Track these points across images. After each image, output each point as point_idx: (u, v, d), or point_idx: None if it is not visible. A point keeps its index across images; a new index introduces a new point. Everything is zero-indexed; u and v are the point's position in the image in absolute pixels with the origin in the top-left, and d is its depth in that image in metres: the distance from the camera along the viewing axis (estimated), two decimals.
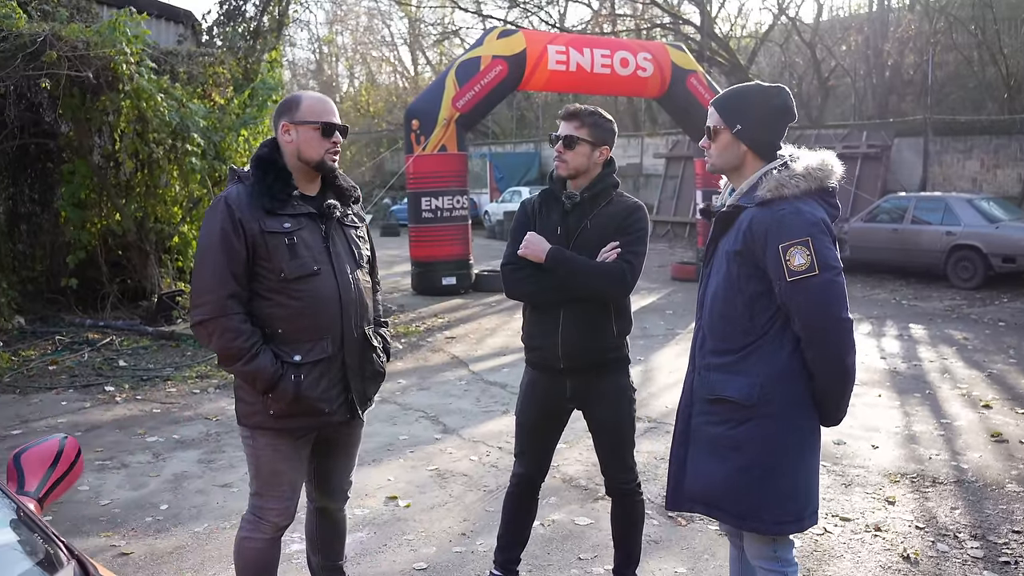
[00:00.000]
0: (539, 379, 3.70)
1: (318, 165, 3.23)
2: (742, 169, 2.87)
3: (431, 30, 40.75)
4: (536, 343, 3.65)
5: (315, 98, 3.25)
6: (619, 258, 3.48)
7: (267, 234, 3.10)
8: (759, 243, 2.68)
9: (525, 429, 3.78)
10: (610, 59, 14.96)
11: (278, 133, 3.24)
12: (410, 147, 14.43)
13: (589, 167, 3.59)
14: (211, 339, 3.09)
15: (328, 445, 3.44)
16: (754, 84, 2.91)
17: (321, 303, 3.17)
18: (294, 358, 3.13)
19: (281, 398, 3.13)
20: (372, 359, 3.39)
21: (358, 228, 3.46)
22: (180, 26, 14.61)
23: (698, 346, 2.93)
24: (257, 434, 3.23)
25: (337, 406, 3.25)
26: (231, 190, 3.17)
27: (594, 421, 3.71)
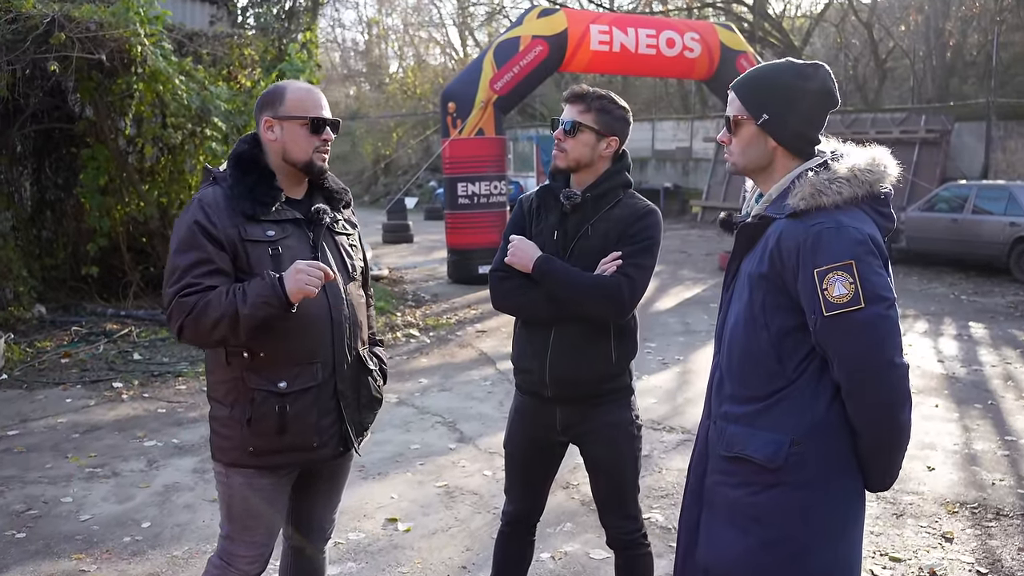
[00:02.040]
0: (527, 406, 3.20)
1: (306, 167, 2.80)
2: (770, 170, 2.32)
3: (479, 10, 40.21)
4: (524, 365, 3.15)
5: (302, 89, 2.81)
6: (618, 271, 2.95)
7: (248, 243, 2.69)
8: (789, 266, 2.14)
9: (514, 462, 3.29)
10: (655, 39, 14.34)
11: (260, 129, 2.80)
12: (446, 130, 13.98)
13: (593, 160, 3.06)
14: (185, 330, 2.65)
15: (311, 480, 3.01)
16: (784, 62, 2.32)
17: (310, 322, 2.74)
18: (279, 385, 2.71)
19: (264, 431, 2.71)
20: (368, 384, 2.97)
21: (350, 235, 3.02)
22: (213, 6, 14.24)
23: (715, 389, 2.39)
24: (232, 472, 2.81)
25: (328, 439, 2.83)
26: (206, 192, 2.75)
27: (589, 460, 3.20)
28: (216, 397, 2.82)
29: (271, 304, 2.58)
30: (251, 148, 2.81)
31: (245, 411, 2.72)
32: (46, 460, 5.81)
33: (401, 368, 8.61)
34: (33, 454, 5.94)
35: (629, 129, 3.13)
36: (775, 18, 27.60)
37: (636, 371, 8.11)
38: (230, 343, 2.67)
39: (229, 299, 2.58)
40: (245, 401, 2.72)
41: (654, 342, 9.62)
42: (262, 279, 2.61)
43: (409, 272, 15.55)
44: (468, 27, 42.86)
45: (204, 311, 2.58)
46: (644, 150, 29.03)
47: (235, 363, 2.72)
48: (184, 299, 2.61)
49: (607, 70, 15.91)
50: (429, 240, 20.88)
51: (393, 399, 7.37)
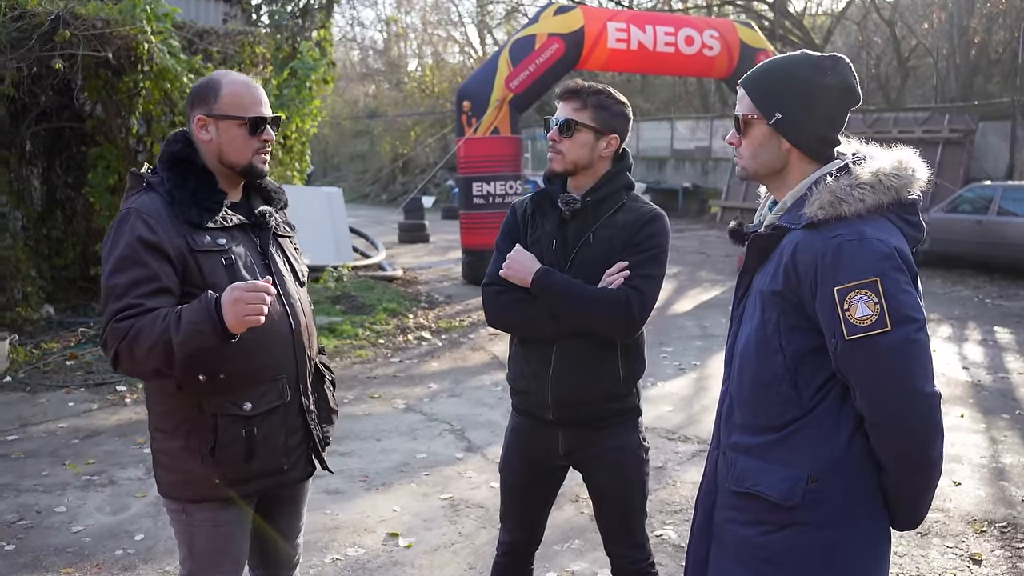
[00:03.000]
0: (525, 428, 2.97)
1: (246, 170, 2.57)
2: (784, 174, 2.09)
3: (498, 8, 39.98)
4: (522, 385, 2.92)
5: (238, 83, 2.55)
6: (625, 283, 2.73)
7: (199, 253, 2.44)
8: (806, 282, 1.92)
9: (510, 488, 3.06)
10: (674, 37, 14.09)
11: (192, 127, 2.55)
12: (461, 129, 13.79)
13: (592, 161, 2.83)
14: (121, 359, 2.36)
15: (270, 506, 2.78)
16: (799, 55, 2.10)
17: (272, 336, 2.52)
18: (244, 407, 2.48)
19: (230, 459, 2.49)
20: (325, 395, 2.80)
21: (292, 238, 2.81)
22: (227, 4, 14.12)
23: (724, 417, 2.17)
24: (192, 508, 2.57)
25: (297, 459, 2.64)
26: (142, 201, 2.46)
27: (594, 486, 2.98)
28: (164, 429, 2.55)
29: (204, 333, 2.26)
30: (185, 148, 2.56)
31: (206, 440, 2.47)
32: (43, 467, 5.67)
33: (411, 372, 8.44)
34: (31, 460, 5.80)
35: (629, 125, 2.90)
36: (796, 16, 27.28)
37: (651, 377, 7.93)
38: (165, 376, 2.38)
39: (163, 324, 2.29)
40: (205, 429, 2.47)
41: (670, 346, 9.40)
42: (199, 302, 2.31)
43: (424, 273, 15.38)
44: (487, 25, 42.67)
45: (137, 338, 2.29)
46: (663, 149, 28.76)
47: (190, 388, 2.45)
48: (119, 324, 2.33)
49: (624, 68, 15.68)
50: (445, 240, 20.69)
51: (401, 405, 7.20)
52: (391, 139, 40.70)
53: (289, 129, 12.24)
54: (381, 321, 10.61)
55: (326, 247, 14.00)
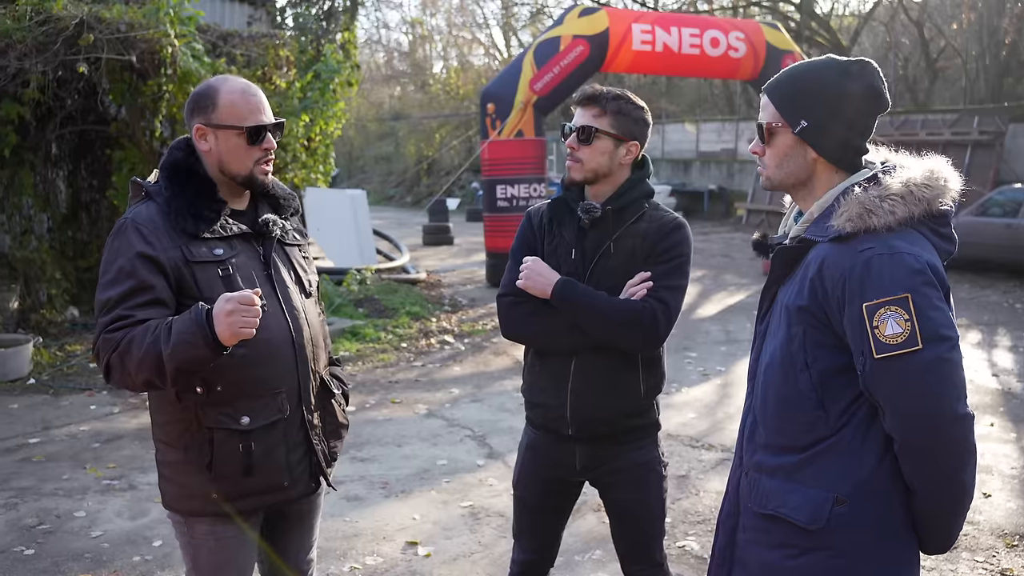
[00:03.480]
0: (541, 444, 2.90)
1: (247, 181, 2.52)
2: (811, 185, 2.02)
3: (523, 10, 39.94)
4: (538, 399, 2.85)
5: (236, 90, 2.48)
6: (649, 295, 2.66)
7: (195, 264, 2.39)
8: (834, 298, 1.85)
9: (525, 505, 2.99)
10: (699, 39, 13.99)
11: (192, 136, 2.51)
12: (485, 132, 13.75)
13: (612, 169, 2.75)
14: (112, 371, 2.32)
15: (279, 521, 2.74)
16: (825, 60, 2.03)
17: (272, 347, 2.46)
18: (241, 421, 2.42)
19: (227, 474, 2.44)
20: (333, 410, 2.72)
21: (301, 246, 2.75)
22: (251, 7, 14.15)
23: (747, 436, 2.10)
24: (193, 522, 2.53)
25: (299, 476, 2.57)
26: (138, 211, 2.44)
27: (612, 504, 2.91)
28: (166, 440, 2.52)
29: (195, 345, 2.20)
30: (186, 156, 2.51)
31: (203, 454, 2.43)
32: (64, 471, 5.67)
33: (433, 377, 8.40)
34: (52, 464, 5.81)
35: (649, 131, 2.82)
36: (823, 17, 27.04)
37: (675, 383, 7.84)
38: (158, 387, 2.34)
39: (153, 336, 2.24)
40: (202, 442, 2.43)
41: (695, 351, 9.31)
42: (189, 314, 2.25)
43: (447, 275, 15.35)
44: (512, 27, 42.64)
45: (128, 349, 2.25)
46: (688, 151, 28.62)
47: (188, 400, 2.42)
48: (110, 335, 2.29)
49: (650, 71, 15.59)
50: (470, 242, 20.65)
51: (423, 410, 7.16)
52: (416, 141, 40.75)
53: (313, 132, 12.23)
54: (404, 324, 10.58)
55: (350, 250, 14.00)
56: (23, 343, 8.16)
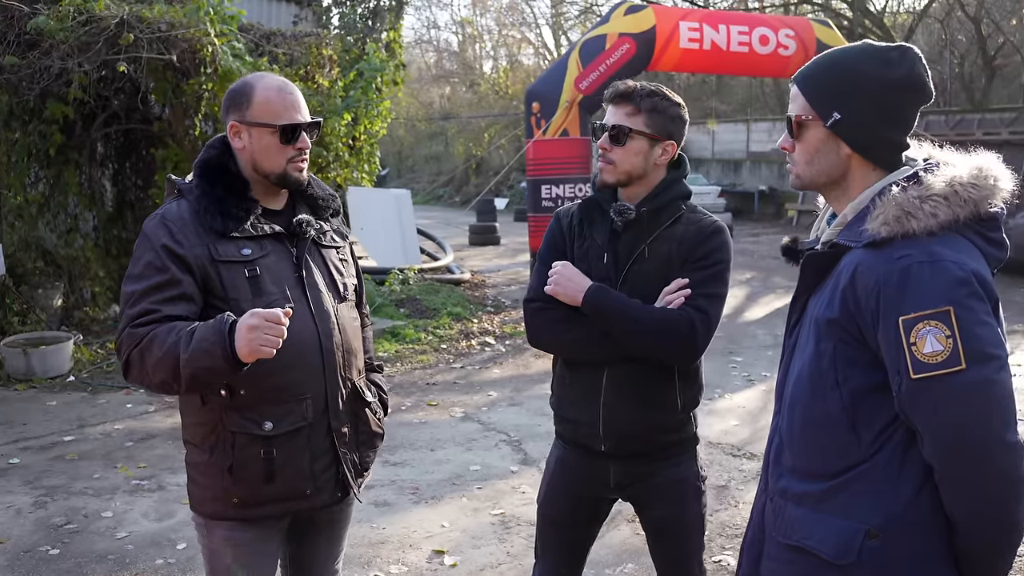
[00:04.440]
0: (572, 460, 2.73)
1: (280, 179, 2.44)
2: (845, 184, 1.84)
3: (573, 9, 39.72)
4: (569, 413, 2.68)
5: (271, 88, 2.42)
6: (687, 304, 2.49)
7: (220, 264, 2.33)
8: (867, 310, 1.67)
9: (552, 523, 2.81)
10: (748, 36, 13.71)
11: (228, 133, 2.45)
12: (530, 131, 13.62)
13: (647, 170, 2.58)
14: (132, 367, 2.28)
15: (308, 528, 2.66)
16: (861, 46, 1.84)
17: (298, 353, 2.37)
18: (264, 427, 2.35)
19: (248, 479, 2.37)
20: (366, 419, 2.60)
21: (339, 248, 2.65)
22: (296, 6, 14.17)
23: (773, 458, 1.93)
24: (213, 525, 2.47)
25: (323, 484, 2.47)
26: (169, 208, 2.41)
27: (649, 521, 2.75)
28: (192, 441, 2.47)
29: (212, 355, 2.16)
30: (220, 154, 2.46)
31: (226, 457, 2.37)
32: (95, 469, 5.64)
33: (472, 379, 8.28)
34: (84, 462, 5.79)
35: (686, 128, 2.65)
36: (876, 14, 26.46)
37: (718, 388, 7.63)
38: (173, 391, 2.29)
39: (175, 337, 2.20)
40: (226, 446, 2.37)
41: (740, 356, 9.07)
42: (214, 322, 2.21)
43: (492, 276, 15.24)
44: (561, 27, 42.46)
45: (149, 347, 2.22)
46: (739, 152, 28.21)
47: (212, 402, 2.37)
48: (135, 329, 2.24)
49: (697, 69, 15.34)
50: (516, 242, 20.50)
51: (459, 413, 7.04)
52: (465, 141, 40.74)
53: (358, 131, 12.21)
54: (445, 325, 10.48)
55: (393, 249, 13.96)
56: (64, 341, 8.21)
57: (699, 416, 2.77)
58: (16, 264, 9.11)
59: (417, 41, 47.07)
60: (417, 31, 46.82)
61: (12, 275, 8.90)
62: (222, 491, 2.39)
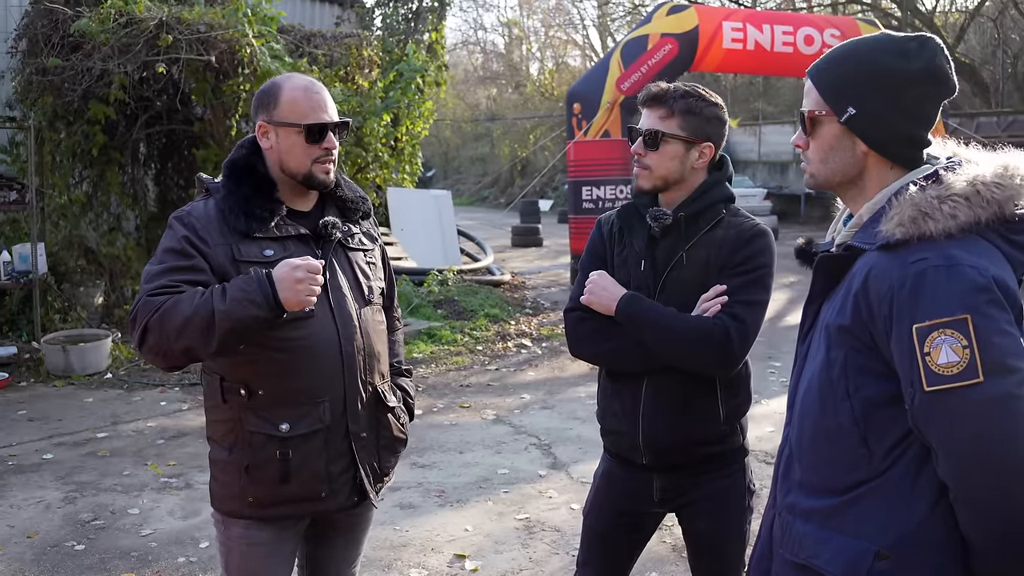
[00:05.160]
0: (617, 473, 2.66)
1: (306, 179, 2.42)
2: (861, 183, 1.74)
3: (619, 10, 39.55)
4: (611, 425, 2.63)
5: (298, 88, 2.41)
6: (724, 311, 2.40)
7: (241, 264, 2.33)
8: (879, 316, 1.57)
9: (596, 536, 2.73)
10: (793, 36, 13.51)
11: (257, 133, 2.44)
12: (571, 132, 13.55)
13: (684, 174, 2.49)
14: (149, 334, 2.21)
15: (326, 530, 2.66)
16: (879, 36, 1.73)
17: (316, 355, 2.37)
18: (280, 428, 2.35)
19: (264, 480, 2.37)
20: (388, 424, 2.58)
21: (368, 251, 2.62)
22: (339, 8, 14.24)
23: (782, 471, 1.83)
24: (230, 523, 2.47)
25: (340, 487, 2.45)
26: (196, 205, 2.42)
27: (691, 535, 2.66)
28: (214, 438, 2.48)
29: (256, 303, 2.15)
30: (249, 154, 2.45)
31: (244, 456, 2.37)
32: (125, 466, 5.68)
33: (506, 381, 8.23)
34: (115, 459, 5.83)
35: (725, 129, 2.55)
36: (926, 13, 25.95)
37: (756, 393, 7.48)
38: (199, 356, 2.24)
39: (204, 296, 2.18)
40: (244, 445, 2.37)
41: (779, 361, 8.93)
42: (248, 274, 2.21)
43: (532, 277, 15.18)
44: (607, 28, 42.29)
45: (172, 309, 2.17)
46: (785, 153, 27.87)
47: (232, 401, 2.37)
48: (153, 297, 2.21)
49: (741, 70, 15.17)
50: (559, 244, 20.40)
51: (491, 416, 6.99)
52: (510, 142, 40.73)
53: (399, 131, 12.23)
54: (481, 327, 10.45)
55: (433, 250, 13.97)
56: (102, 338, 8.30)
57: None
58: (58, 263, 9.25)
59: (464, 43, 47.23)
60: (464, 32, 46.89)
61: (54, 273, 9.04)
62: (239, 490, 2.39)
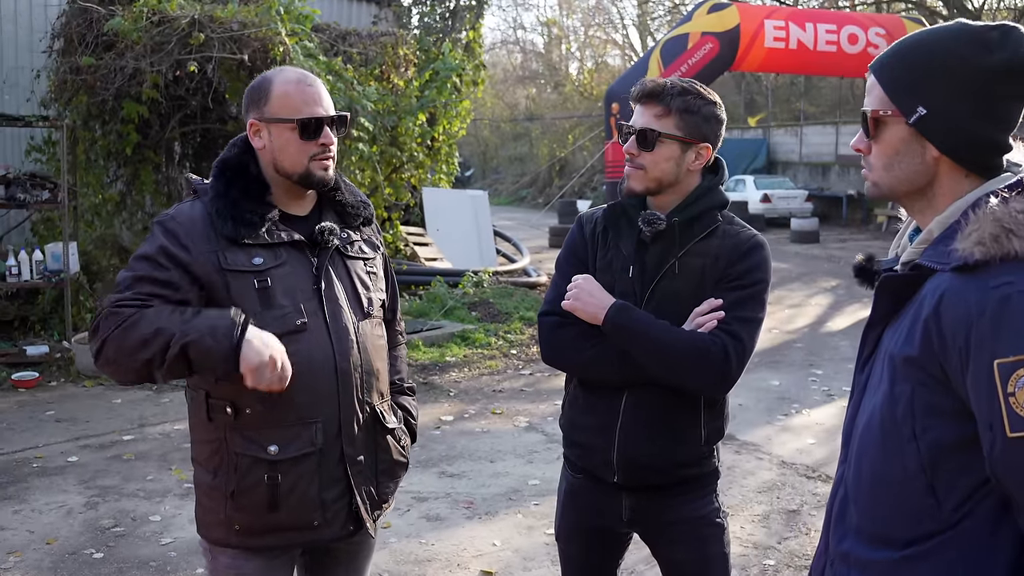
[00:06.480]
0: (582, 491, 2.47)
1: (303, 178, 2.24)
2: (931, 193, 1.52)
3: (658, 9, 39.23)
4: (580, 437, 2.43)
5: (290, 81, 2.24)
6: (720, 328, 2.22)
7: (228, 272, 2.16)
8: (954, 348, 1.35)
9: (570, 560, 2.58)
10: (836, 35, 13.27)
11: (248, 133, 2.27)
12: (610, 132, 13.40)
13: (679, 177, 2.31)
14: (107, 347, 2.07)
15: (324, 558, 2.47)
16: (953, 26, 1.50)
17: (308, 373, 2.18)
18: (269, 450, 2.17)
19: (250, 506, 2.19)
20: (387, 446, 2.39)
21: (368, 260, 2.43)
22: (376, 6, 14.16)
23: (836, 514, 1.60)
24: (217, 552, 2.29)
25: (333, 516, 2.26)
26: (181, 208, 2.25)
27: (666, 563, 2.48)
28: (199, 460, 2.31)
29: (216, 340, 2.01)
30: (240, 154, 2.27)
31: (230, 480, 2.19)
32: (149, 471, 5.59)
33: (540, 387, 8.06)
34: (139, 463, 5.75)
35: (723, 129, 2.36)
36: (973, 11, 25.41)
37: (795, 403, 7.26)
38: (154, 377, 2.08)
39: (171, 314, 2.04)
40: (230, 468, 2.20)
41: (820, 368, 8.67)
42: (228, 312, 2.06)
43: None
44: (647, 27, 41.97)
45: (136, 324, 2.03)
46: (827, 155, 27.45)
47: (218, 420, 2.20)
48: (119, 309, 2.06)
49: (783, 69, 14.93)
50: None
51: (523, 423, 6.83)
52: (549, 142, 40.55)
53: (436, 131, 12.11)
54: (516, 330, 10.28)
55: (469, 251, 13.84)
56: None
57: (773, 432, 2.51)
58: (91, 262, 9.22)
59: (503, 42, 47.15)
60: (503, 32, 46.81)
61: (87, 272, 9.01)
62: (225, 516, 2.22)
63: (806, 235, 20.25)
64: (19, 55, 10.30)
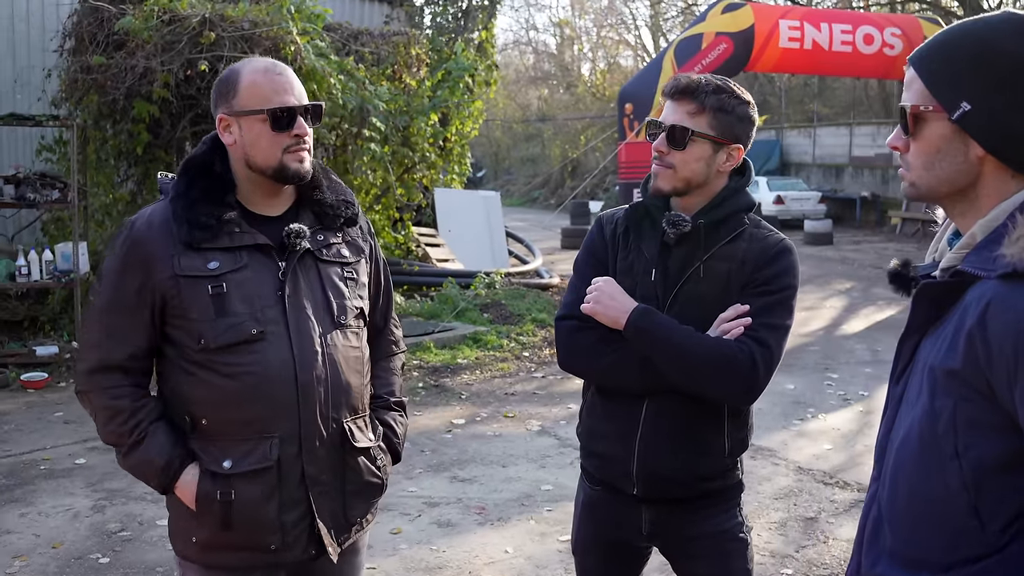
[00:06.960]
0: (600, 503, 2.38)
1: (277, 173, 2.10)
2: (974, 194, 1.41)
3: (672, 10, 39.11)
4: (599, 447, 2.34)
5: (258, 71, 2.11)
6: (747, 335, 2.13)
7: (182, 279, 2.04)
8: (1001, 360, 1.26)
9: (585, 571, 2.50)
10: (851, 35, 13.13)
11: (218, 129, 2.15)
12: (623, 133, 13.30)
13: (708, 178, 2.21)
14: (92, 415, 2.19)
15: None
16: (996, 17, 1.39)
17: (266, 384, 2.06)
18: (223, 464, 2.06)
19: (207, 523, 2.09)
20: (357, 466, 2.22)
21: (347, 265, 2.25)
22: (388, 6, 14.10)
23: (869, 534, 1.52)
24: (186, 566, 2.20)
25: (294, 539, 2.12)
26: (144, 212, 2.15)
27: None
28: None
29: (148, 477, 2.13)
30: (208, 152, 2.15)
31: None
32: None
33: (552, 389, 7.98)
34: None
35: (754, 130, 2.27)
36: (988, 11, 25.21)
37: (811, 408, 7.16)
38: None
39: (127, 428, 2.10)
40: None
41: (836, 372, 8.56)
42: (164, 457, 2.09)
43: None
44: (659, 28, 41.82)
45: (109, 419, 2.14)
46: (841, 156, 27.31)
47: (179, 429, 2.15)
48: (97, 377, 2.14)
49: (797, 70, 14.80)
50: None
51: (536, 427, 6.75)
52: (561, 143, 40.47)
53: (448, 131, 12.05)
54: (528, 332, 10.20)
55: (481, 252, 13.77)
56: None
57: (789, 438, 2.43)
58: (101, 261, 9.15)
59: (515, 43, 47.07)
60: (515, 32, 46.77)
61: (97, 272, 8.97)
62: (186, 529, 2.14)
63: (819, 237, 20.12)
64: (31, 54, 10.28)
